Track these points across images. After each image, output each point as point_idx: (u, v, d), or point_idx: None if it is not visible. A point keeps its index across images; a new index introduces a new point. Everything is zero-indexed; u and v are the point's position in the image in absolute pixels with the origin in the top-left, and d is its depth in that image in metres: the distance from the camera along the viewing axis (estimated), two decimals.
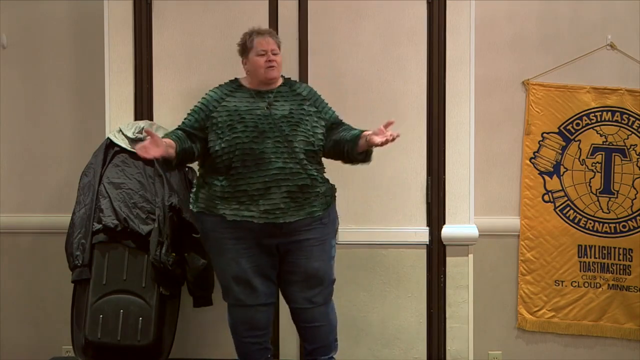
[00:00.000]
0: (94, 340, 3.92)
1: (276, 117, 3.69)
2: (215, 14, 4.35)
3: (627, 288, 4.87)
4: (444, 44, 4.34)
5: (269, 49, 3.76)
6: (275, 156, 3.63)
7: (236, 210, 3.63)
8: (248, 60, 3.79)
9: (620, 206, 4.86)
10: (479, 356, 4.69)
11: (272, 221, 3.62)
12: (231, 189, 3.64)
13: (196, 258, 4.08)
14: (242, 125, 3.66)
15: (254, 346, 3.84)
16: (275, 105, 3.74)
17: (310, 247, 3.72)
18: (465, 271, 4.38)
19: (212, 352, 4.40)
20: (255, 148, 3.63)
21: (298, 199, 3.65)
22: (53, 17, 4.77)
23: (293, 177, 3.64)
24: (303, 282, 3.75)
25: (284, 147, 3.66)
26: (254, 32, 3.82)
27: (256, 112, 3.70)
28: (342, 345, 4.23)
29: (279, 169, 3.63)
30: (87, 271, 3.99)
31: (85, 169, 4.19)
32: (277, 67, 3.77)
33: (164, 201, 4.03)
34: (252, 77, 3.81)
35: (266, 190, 3.61)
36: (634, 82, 4.83)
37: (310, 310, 3.79)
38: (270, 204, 3.61)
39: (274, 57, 3.77)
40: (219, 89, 3.83)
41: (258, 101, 3.74)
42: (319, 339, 3.85)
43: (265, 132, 3.65)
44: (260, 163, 3.63)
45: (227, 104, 3.73)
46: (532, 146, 4.87)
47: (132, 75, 4.36)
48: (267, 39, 3.78)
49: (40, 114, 4.81)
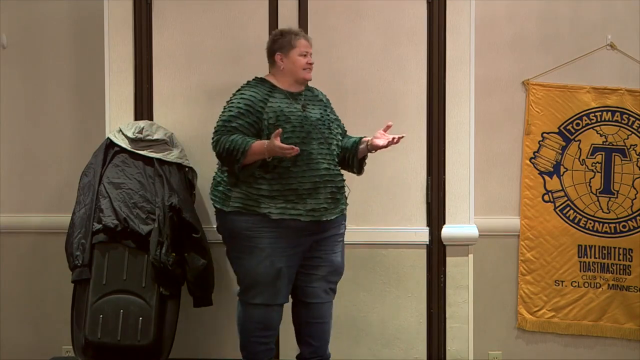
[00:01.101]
0: (94, 340, 3.91)
1: (312, 120, 3.76)
2: (215, 14, 4.35)
3: (627, 288, 4.88)
4: (444, 44, 4.34)
5: (310, 51, 3.85)
6: (321, 157, 3.73)
7: (282, 209, 3.66)
8: (287, 58, 3.81)
9: (620, 206, 4.86)
10: (479, 356, 4.69)
11: (317, 219, 3.70)
12: (280, 187, 3.67)
13: (196, 258, 4.08)
14: (290, 126, 3.69)
15: (261, 346, 3.85)
16: (307, 108, 3.81)
17: (337, 242, 3.88)
18: (465, 271, 4.38)
19: (212, 352, 4.40)
20: (305, 149, 3.68)
21: (337, 198, 3.78)
22: (53, 17, 4.77)
23: (335, 179, 3.77)
24: (325, 276, 3.85)
25: (326, 149, 3.76)
26: (296, 32, 3.86)
27: (297, 113, 3.74)
28: (342, 345, 4.24)
29: (325, 170, 3.73)
30: (87, 271, 3.99)
31: (85, 169, 4.19)
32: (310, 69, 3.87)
33: (164, 201, 4.03)
34: (286, 75, 3.83)
35: (314, 190, 3.69)
36: (634, 82, 4.83)
37: (323, 305, 3.88)
38: (316, 203, 3.69)
39: (312, 61, 3.86)
40: (257, 89, 3.79)
41: (294, 102, 3.78)
42: (325, 335, 3.92)
43: (311, 133, 3.72)
44: (309, 163, 3.69)
45: (272, 105, 3.74)
46: (532, 146, 4.87)
47: (132, 75, 4.35)
48: (309, 41, 3.87)
49: (40, 114, 4.81)
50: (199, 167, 4.30)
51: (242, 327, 3.85)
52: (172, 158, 4.17)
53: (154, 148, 4.17)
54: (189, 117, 4.36)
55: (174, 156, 4.19)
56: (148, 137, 4.17)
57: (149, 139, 4.17)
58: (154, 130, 4.21)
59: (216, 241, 4.32)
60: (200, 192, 4.36)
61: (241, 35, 4.35)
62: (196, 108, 4.36)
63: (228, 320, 4.39)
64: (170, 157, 4.17)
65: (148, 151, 4.16)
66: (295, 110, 3.75)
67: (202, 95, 4.36)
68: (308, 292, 3.86)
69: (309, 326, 3.90)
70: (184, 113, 4.37)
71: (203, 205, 4.36)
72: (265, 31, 4.33)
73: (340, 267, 3.91)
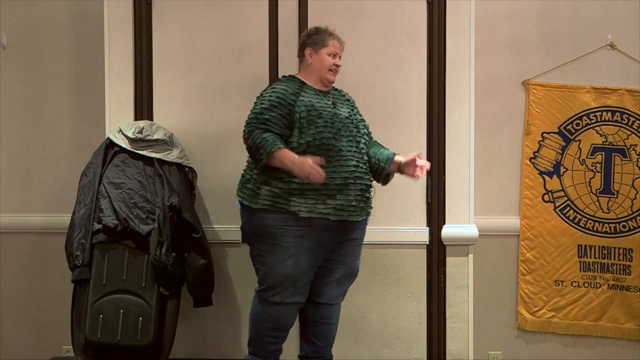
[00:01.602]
0: (94, 340, 3.92)
1: (342, 117, 3.76)
2: (215, 14, 4.35)
3: (627, 288, 4.87)
4: (444, 44, 4.34)
5: (339, 54, 3.87)
6: (350, 154, 3.72)
7: (312, 206, 3.64)
8: (316, 55, 3.83)
9: (620, 206, 4.86)
10: (479, 356, 4.69)
11: (345, 219, 3.69)
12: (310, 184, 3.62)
13: (196, 258, 4.08)
14: (322, 121, 3.69)
15: (271, 346, 3.84)
16: (337, 106, 3.82)
17: (357, 245, 3.87)
18: (465, 271, 4.38)
19: (212, 352, 4.40)
20: (336, 145, 3.68)
21: (365, 198, 3.76)
22: (53, 17, 4.77)
23: (363, 176, 3.75)
24: (340, 279, 3.84)
25: (354, 147, 3.74)
26: (331, 32, 3.86)
27: (327, 109, 3.74)
28: (342, 345, 4.24)
29: (355, 167, 3.72)
30: (87, 271, 3.99)
31: (85, 169, 4.19)
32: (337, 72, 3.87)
33: (164, 201, 4.03)
34: (313, 72, 3.84)
35: (345, 186, 3.68)
36: (634, 82, 4.83)
37: (333, 306, 3.88)
38: (346, 200, 3.67)
39: (340, 63, 3.87)
40: (287, 84, 3.78)
41: (324, 99, 3.79)
42: (330, 336, 3.92)
43: (341, 130, 3.72)
44: (340, 159, 3.68)
45: (303, 99, 3.73)
46: (532, 146, 4.87)
47: (132, 75, 4.36)
48: (340, 44, 3.88)
49: (40, 114, 4.81)
50: (198, 167, 4.30)
51: (255, 322, 3.83)
52: (172, 158, 4.17)
53: (154, 148, 4.17)
54: (189, 117, 4.36)
55: (174, 156, 4.19)
56: (148, 137, 4.17)
57: (149, 139, 4.17)
58: (154, 130, 4.21)
59: (216, 241, 4.34)
60: (200, 192, 4.36)
61: (241, 36, 4.35)
62: (196, 108, 4.36)
63: (228, 320, 4.40)
64: (170, 157, 4.17)
65: (148, 151, 4.16)
66: (326, 106, 3.76)
67: (202, 95, 4.36)
68: (320, 292, 3.84)
69: (315, 325, 3.89)
70: (184, 113, 4.37)
71: (203, 205, 4.36)
72: (265, 31, 4.33)
73: (356, 272, 3.91)
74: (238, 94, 4.35)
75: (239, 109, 4.35)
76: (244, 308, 4.39)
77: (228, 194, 4.35)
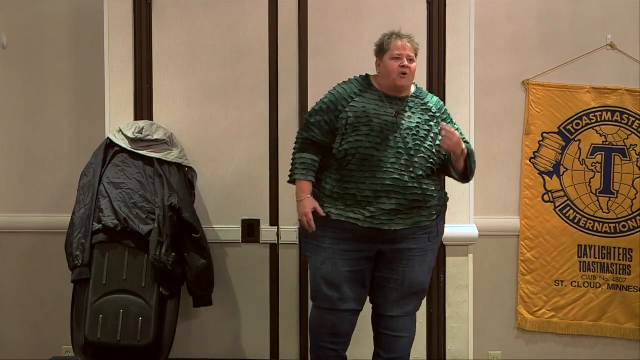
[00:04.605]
0: (94, 340, 3.91)
1: (402, 128, 3.60)
2: (215, 14, 4.35)
3: (627, 288, 4.87)
4: (444, 44, 4.34)
5: (405, 54, 3.64)
6: (393, 167, 3.56)
7: (342, 211, 3.59)
8: (382, 62, 3.70)
9: (620, 206, 4.86)
10: (479, 356, 4.69)
11: (377, 227, 3.57)
12: (340, 190, 3.60)
13: (196, 258, 4.08)
14: (368, 129, 3.58)
15: (330, 352, 3.76)
16: (403, 115, 3.64)
17: (413, 257, 3.66)
18: (465, 271, 4.39)
19: (212, 352, 4.40)
20: (375, 155, 3.57)
21: (407, 211, 3.59)
22: (53, 17, 4.77)
23: (405, 191, 3.57)
24: (397, 290, 3.69)
25: (404, 159, 3.58)
26: (394, 34, 3.70)
27: (383, 118, 3.61)
28: None
29: (393, 180, 3.56)
30: (87, 271, 3.99)
31: (85, 169, 4.19)
32: (409, 75, 3.64)
33: (164, 201, 4.03)
34: (383, 79, 3.70)
35: (376, 199, 3.56)
36: (634, 82, 4.83)
37: (397, 319, 3.74)
38: (378, 211, 3.55)
39: (409, 65, 3.64)
40: (348, 85, 3.72)
41: (387, 106, 3.64)
42: (397, 349, 3.78)
43: (389, 141, 3.58)
44: (375, 170, 3.57)
45: (355, 104, 3.64)
46: (532, 146, 4.87)
47: (132, 75, 4.36)
48: (405, 43, 3.66)
49: (40, 114, 4.81)
50: (198, 167, 4.30)
51: (312, 330, 3.79)
52: (172, 158, 4.17)
53: (154, 148, 4.17)
54: (189, 117, 4.36)
55: (174, 156, 4.19)
56: (148, 137, 4.17)
57: (149, 139, 4.17)
58: (154, 130, 4.21)
59: (216, 241, 4.34)
60: (200, 192, 4.36)
61: (241, 36, 4.35)
62: (196, 108, 4.36)
63: (228, 320, 4.40)
64: (170, 157, 4.17)
65: (148, 151, 4.16)
66: (384, 114, 3.61)
67: (202, 95, 4.36)
68: (379, 303, 3.76)
69: (380, 336, 3.81)
70: (184, 113, 4.37)
71: (203, 205, 4.36)
72: (265, 31, 4.33)
73: (416, 283, 3.70)
74: (238, 94, 4.36)
75: (239, 109, 4.36)
76: (244, 308, 4.40)
77: (228, 194, 4.36)
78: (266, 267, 4.38)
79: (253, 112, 4.36)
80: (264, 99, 4.35)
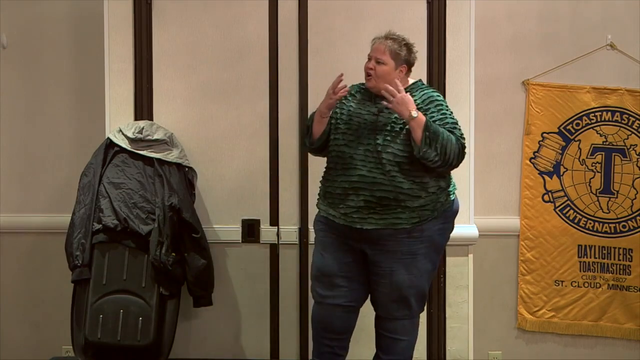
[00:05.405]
0: (94, 340, 3.91)
1: (379, 125, 3.60)
2: (215, 14, 4.35)
3: (627, 288, 4.88)
4: (444, 44, 4.34)
5: (373, 55, 3.63)
6: (362, 164, 3.57)
7: (326, 207, 3.69)
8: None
9: (620, 206, 4.86)
10: (479, 356, 4.69)
11: (349, 224, 3.61)
12: (323, 188, 3.73)
13: (196, 258, 4.08)
14: (346, 127, 3.65)
15: (325, 347, 3.77)
16: (385, 112, 3.62)
17: (399, 260, 3.60)
18: (465, 271, 4.39)
19: (212, 352, 4.40)
20: (347, 152, 3.61)
21: (377, 209, 3.55)
22: (53, 17, 4.77)
23: (372, 188, 3.54)
24: (385, 293, 3.67)
25: (372, 156, 3.57)
26: (378, 36, 3.69)
27: (364, 117, 3.64)
28: None
29: (360, 177, 3.56)
30: (87, 271, 3.99)
31: (85, 169, 4.19)
32: (373, 76, 3.61)
33: (164, 201, 4.03)
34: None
35: (346, 196, 3.59)
36: (634, 82, 4.83)
37: (394, 321, 3.73)
38: (349, 209, 3.59)
39: (372, 66, 3.62)
40: (352, 87, 3.78)
41: (372, 105, 3.67)
42: (396, 352, 3.77)
43: (361, 138, 3.60)
44: (346, 168, 3.60)
45: (344, 105, 3.72)
46: (532, 146, 4.87)
47: (132, 75, 4.35)
48: (378, 45, 3.64)
49: (40, 114, 4.81)
50: (198, 167, 4.30)
51: (311, 324, 3.83)
52: (172, 158, 4.17)
53: (154, 148, 4.17)
54: (189, 117, 4.36)
55: (174, 156, 4.19)
56: (148, 137, 4.17)
57: (149, 139, 4.17)
58: (154, 130, 4.21)
59: (216, 241, 4.34)
60: (200, 192, 4.36)
61: (241, 35, 4.34)
62: (196, 108, 4.36)
63: (228, 320, 4.40)
64: (170, 157, 4.17)
65: (148, 151, 4.16)
66: (366, 112, 3.65)
67: (202, 95, 4.36)
68: (376, 305, 3.77)
69: (379, 337, 3.82)
70: (184, 113, 4.37)
71: (203, 205, 4.36)
72: (265, 31, 4.33)
73: (404, 286, 3.62)
74: (238, 94, 4.36)
75: (239, 108, 4.36)
76: (244, 308, 4.40)
77: (228, 194, 4.36)
78: (266, 267, 4.38)
79: (253, 112, 4.36)
80: (264, 99, 4.35)
